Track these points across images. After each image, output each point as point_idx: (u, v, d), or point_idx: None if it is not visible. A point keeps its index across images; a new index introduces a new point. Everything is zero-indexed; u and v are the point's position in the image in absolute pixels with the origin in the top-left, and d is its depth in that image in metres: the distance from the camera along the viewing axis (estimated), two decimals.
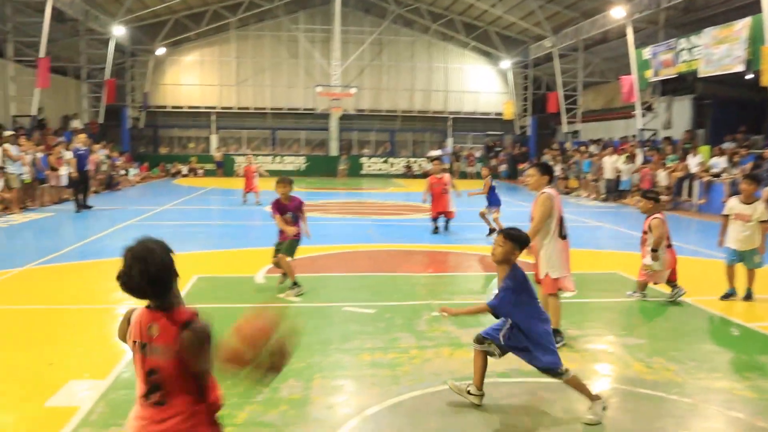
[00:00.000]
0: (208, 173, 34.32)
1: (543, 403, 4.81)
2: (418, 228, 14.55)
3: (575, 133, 31.88)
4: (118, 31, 29.29)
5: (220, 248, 11.59)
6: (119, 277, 2.52)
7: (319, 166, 35.03)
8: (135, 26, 32.28)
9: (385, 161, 36.44)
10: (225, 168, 33.75)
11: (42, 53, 22.68)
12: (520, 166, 34.09)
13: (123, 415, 4.45)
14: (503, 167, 35.18)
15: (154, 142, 36.02)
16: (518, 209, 18.75)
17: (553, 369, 4.51)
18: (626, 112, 28.05)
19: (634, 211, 19.99)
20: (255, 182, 19.43)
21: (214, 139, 35.99)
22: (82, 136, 18.08)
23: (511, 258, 4.49)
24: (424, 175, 35.14)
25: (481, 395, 4.73)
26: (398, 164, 36.08)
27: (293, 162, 35.55)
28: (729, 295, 8.05)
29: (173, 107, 35.59)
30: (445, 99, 37.20)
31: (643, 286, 8.03)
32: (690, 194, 19.72)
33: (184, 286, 8.39)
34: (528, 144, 36.78)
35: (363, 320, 6.91)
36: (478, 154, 37.30)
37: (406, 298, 7.95)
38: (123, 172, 27.07)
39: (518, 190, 28.76)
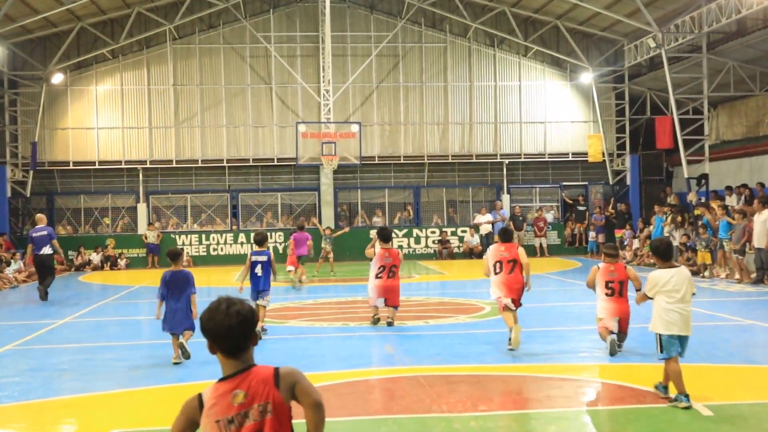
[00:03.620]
0: (134, 264, 34.43)
1: None
2: (463, 338, 14.35)
3: (702, 178, 31.75)
4: None
5: (152, 384, 11.43)
6: (208, 318, 4.09)
7: None
8: (17, 42, 33.04)
9: (407, 234, 36.46)
10: (162, 255, 33.86)
11: None
12: (618, 233, 33.90)
13: None
14: (592, 236, 34.98)
15: (49, 218, 36.24)
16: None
17: None
18: None
19: None
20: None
21: (142, 210, 36.29)
22: None
23: None
24: (470, 252, 35.03)
25: None
26: (428, 238, 36.08)
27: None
28: None
29: (77, 163, 36.04)
30: (496, 135, 37.46)
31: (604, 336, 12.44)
32: None
33: None
34: (627, 197, 36.64)
35: None
36: (550, 217, 37.21)
37: None
38: None
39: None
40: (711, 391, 10.13)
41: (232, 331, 4.04)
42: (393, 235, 36.17)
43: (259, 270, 14.77)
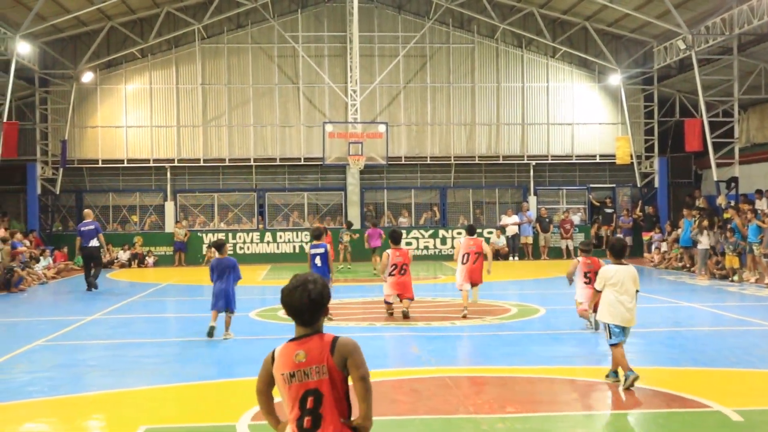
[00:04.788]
0: (162, 261, 34.64)
1: None
2: (490, 339, 14.31)
3: (732, 181, 31.55)
4: (23, 49, 30.11)
5: (180, 381, 11.48)
6: (286, 295, 4.79)
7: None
8: (48, 41, 33.28)
9: (433, 234, 36.45)
10: (189, 253, 34.17)
11: None
12: (646, 236, 33.77)
13: None
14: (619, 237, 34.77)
15: (78, 216, 36.46)
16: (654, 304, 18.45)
17: None
18: None
19: None
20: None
21: (170, 209, 36.49)
22: None
23: None
24: (496, 254, 34.98)
25: None
26: (453, 239, 35.96)
27: (290, 240, 35.62)
28: None
29: (106, 161, 36.27)
30: (523, 136, 37.35)
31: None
32: None
33: None
34: (655, 200, 36.46)
35: None
36: (576, 219, 37.06)
37: None
38: (26, 259, 27.31)
39: (643, 275, 28.31)
40: (741, 396, 10.08)
41: (303, 309, 4.77)
42: (420, 235, 36.93)
43: (318, 261, 16.91)
